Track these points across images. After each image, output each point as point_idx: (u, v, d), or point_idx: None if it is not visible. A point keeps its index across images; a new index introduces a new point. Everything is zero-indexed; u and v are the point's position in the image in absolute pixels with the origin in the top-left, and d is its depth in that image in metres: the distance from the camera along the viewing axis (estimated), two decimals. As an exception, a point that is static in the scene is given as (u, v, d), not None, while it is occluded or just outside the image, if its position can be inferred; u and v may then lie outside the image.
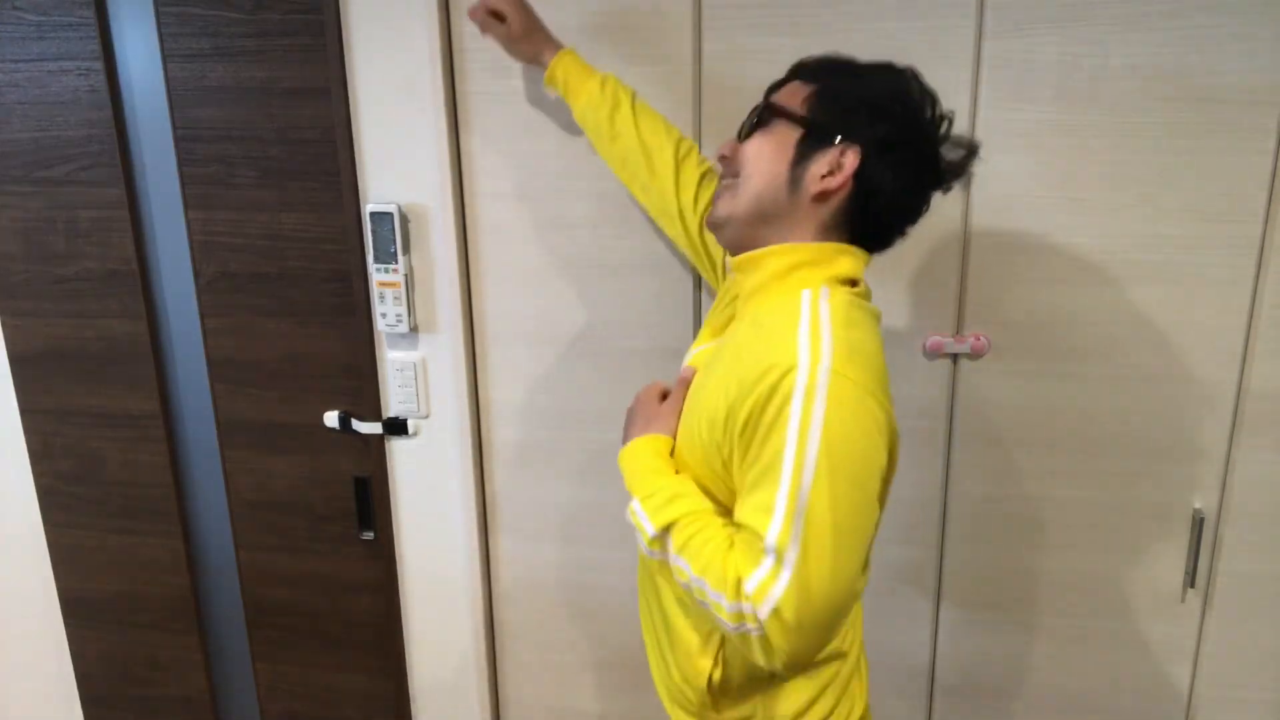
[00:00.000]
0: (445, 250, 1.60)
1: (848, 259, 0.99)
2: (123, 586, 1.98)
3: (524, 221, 1.57)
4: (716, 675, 1.05)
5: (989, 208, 1.41)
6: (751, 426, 0.89)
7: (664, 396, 1.10)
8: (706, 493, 0.98)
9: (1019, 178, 1.39)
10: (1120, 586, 1.54)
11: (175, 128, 1.65)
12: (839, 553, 0.85)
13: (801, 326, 0.91)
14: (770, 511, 0.86)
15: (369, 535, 1.81)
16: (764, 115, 1.01)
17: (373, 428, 1.72)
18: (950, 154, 1.01)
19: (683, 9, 1.42)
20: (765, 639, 0.86)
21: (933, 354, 1.48)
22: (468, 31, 1.50)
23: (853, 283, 1.00)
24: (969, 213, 1.42)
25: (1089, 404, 1.46)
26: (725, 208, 1.02)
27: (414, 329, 1.66)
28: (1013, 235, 1.41)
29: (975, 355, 1.47)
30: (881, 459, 0.90)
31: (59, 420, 1.89)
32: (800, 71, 1.03)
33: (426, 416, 1.71)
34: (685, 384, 1.06)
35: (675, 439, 1.04)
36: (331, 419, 1.74)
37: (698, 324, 1.56)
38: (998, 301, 1.45)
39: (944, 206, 1.41)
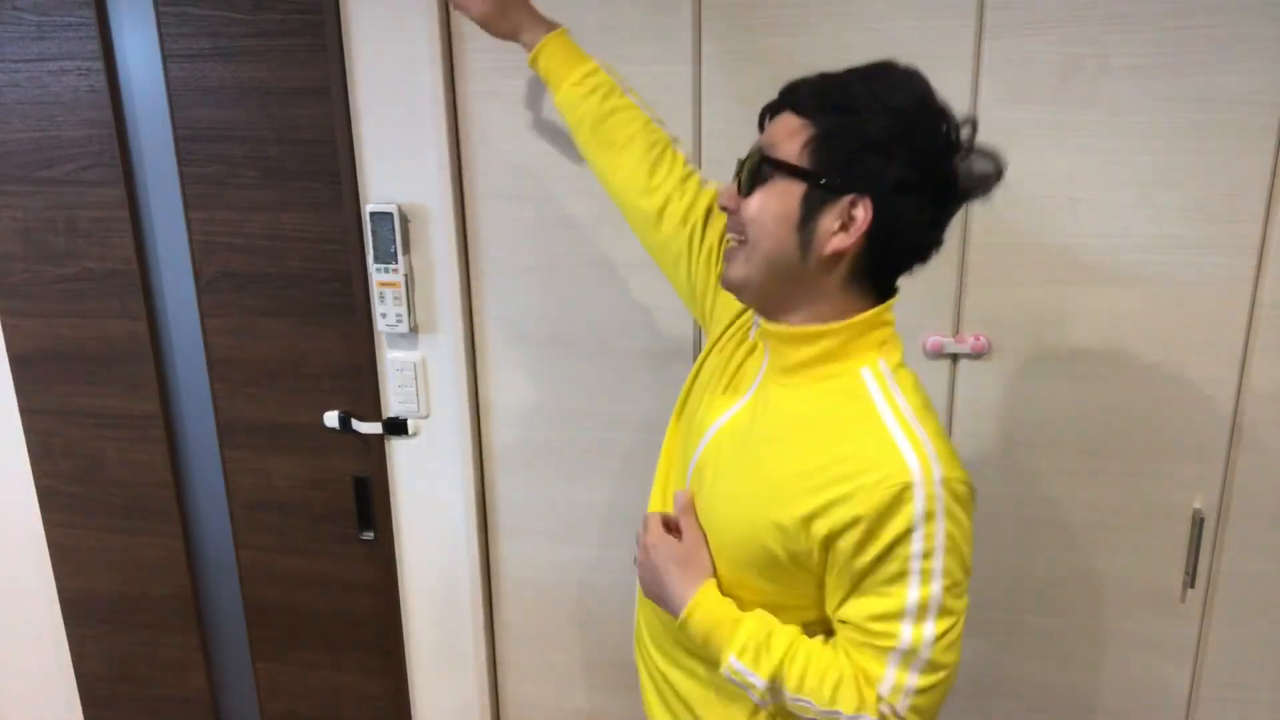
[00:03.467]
0: (445, 250, 1.60)
1: (883, 316, 0.94)
2: (123, 586, 1.98)
3: (524, 221, 1.57)
4: None
5: (989, 208, 1.41)
6: (868, 540, 0.86)
7: (670, 526, 1.04)
8: (765, 600, 0.96)
9: (1019, 178, 1.39)
10: (1120, 586, 1.54)
11: (175, 128, 1.65)
12: (957, 640, 0.90)
13: (890, 426, 0.88)
14: (898, 620, 0.87)
15: (369, 535, 1.81)
16: (762, 169, 0.91)
17: (373, 428, 1.72)
18: (976, 165, 0.92)
19: (683, 9, 1.42)
20: None
21: (933, 354, 1.48)
22: (468, 32, 1.50)
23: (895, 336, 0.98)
24: (969, 213, 1.42)
25: (1089, 404, 1.46)
26: (739, 272, 0.94)
27: (414, 329, 1.66)
28: (1012, 235, 1.41)
29: (975, 355, 1.47)
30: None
31: (59, 420, 1.89)
32: (793, 100, 0.92)
33: (426, 416, 1.71)
34: (691, 509, 1.01)
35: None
36: (331, 419, 1.74)
37: (698, 324, 1.56)
38: (998, 301, 1.45)
39: (944, 206, 1.41)
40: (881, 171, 0.86)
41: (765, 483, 0.93)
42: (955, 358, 1.49)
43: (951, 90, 1.35)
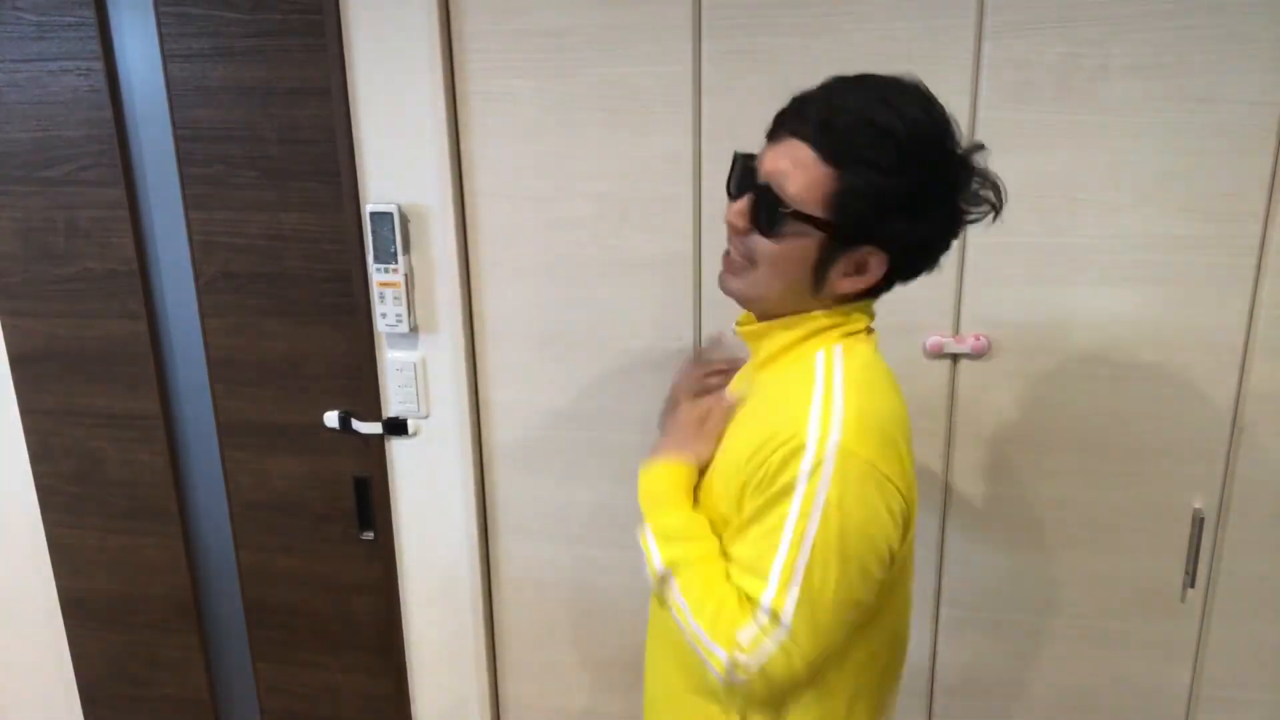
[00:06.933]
0: (445, 250, 1.60)
1: (862, 314, 0.98)
2: (123, 586, 1.98)
3: (524, 221, 1.57)
4: None
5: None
6: (756, 489, 0.90)
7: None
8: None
9: (1019, 178, 1.39)
10: (1120, 586, 1.54)
11: (175, 128, 1.65)
12: (825, 624, 0.89)
13: (815, 395, 0.91)
14: (765, 577, 0.88)
15: (369, 535, 1.81)
16: (778, 213, 0.89)
17: (373, 428, 1.72)
18: (981, 191, 0.94)
19: (683, 9, 1.42)
20: (750, 689, 0.92)
21: (933, 354, 1.48)
22: (468, 31, 1.50)
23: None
24: (969, 213, 1.42)
25: (1089, 404, 1.46)
26: (738, 289, 0.97)
27: (414, 329, 1.66)
28: (1013, 235, 1.41)
29: (975, 355, 1.47)
30: (888, 533, 0.90)
31: (59, 420, 1.89)
32: (808, 131, 0.88)
33: (426, 416, 1.71)
34: (728, 412, 1.02)
35: (707, 469, 1.01)
36: (331, 419, 1.74)
37: (698, 324, 1.56)
38: (998, 301, 1.45)
39: (944, 206, 1.41)
40: (903, 230, 0.89)
41: (724, 462, 0.98)
42: (955, 358, 1.49)
43: (951, 90, 1.37)
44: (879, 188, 0.86)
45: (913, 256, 0.94)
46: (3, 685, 2.14)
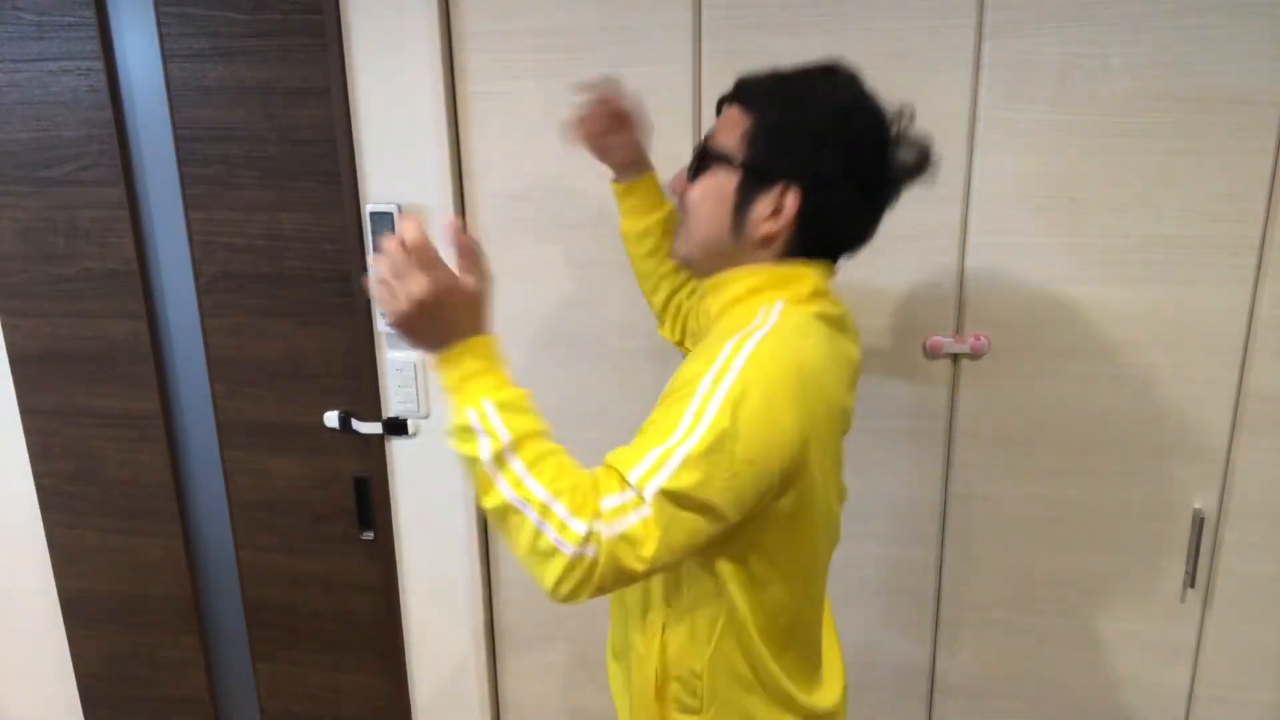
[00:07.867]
0: (445, 250, 1.60)
1: (809, 274, 0.98)
2: (123, 586, 1.98)
3: (524, 221, 1.57)
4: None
5: (989, 208, 1.41)
6: (665, 394, 0.92)
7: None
8: None
9: (1019, 178, 1.39)
10: (1120, 586, 1.54)
11: (175, 128, 1.65)
12: (684, 519, 0.85)
13: (740, 332, 0.92)
14: (640, 459, 0.86)
15: (369, 535, 1.81)
16: (703, 158, 1.00)
17: (373, 428, 1.72)
18: (905, 155, 0.98)
19: (683, 9, 1.42)
20: (594, 567, 0.83)
21: (933, 354, 1.48)
22: (468, 31, 1.50)
23: (818, 294, 0.99)
24: (968, 212, 1.42)
25: (1089, 404, 1.46)
26: (681, 249, 1.05)
27: (414, 329, 1.66)
28: (1013, 235, 1.41)
29: (975, 355, 1.47)
30: (773, 450, 0.88)
31: (59, 420, 1.89)
32: (740, 94, 1.00)
33: (426, 416, 1.71)
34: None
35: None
36: (331, 419, 1.74)
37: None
38: (998, 301, 1.45)
39: (944, 207, 1.42)
40: (810, 162, 0.94)
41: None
42: (955, 358, 1.49)
43: (951, 90, 1.37)
44: (784, 119, 0.95)
45: (826, 197, 0.94)
46: (3, 685, 2.15)
